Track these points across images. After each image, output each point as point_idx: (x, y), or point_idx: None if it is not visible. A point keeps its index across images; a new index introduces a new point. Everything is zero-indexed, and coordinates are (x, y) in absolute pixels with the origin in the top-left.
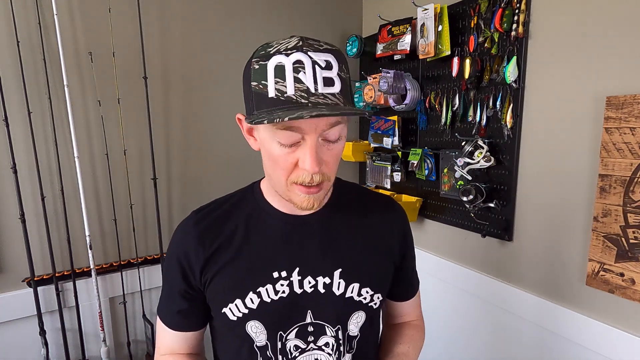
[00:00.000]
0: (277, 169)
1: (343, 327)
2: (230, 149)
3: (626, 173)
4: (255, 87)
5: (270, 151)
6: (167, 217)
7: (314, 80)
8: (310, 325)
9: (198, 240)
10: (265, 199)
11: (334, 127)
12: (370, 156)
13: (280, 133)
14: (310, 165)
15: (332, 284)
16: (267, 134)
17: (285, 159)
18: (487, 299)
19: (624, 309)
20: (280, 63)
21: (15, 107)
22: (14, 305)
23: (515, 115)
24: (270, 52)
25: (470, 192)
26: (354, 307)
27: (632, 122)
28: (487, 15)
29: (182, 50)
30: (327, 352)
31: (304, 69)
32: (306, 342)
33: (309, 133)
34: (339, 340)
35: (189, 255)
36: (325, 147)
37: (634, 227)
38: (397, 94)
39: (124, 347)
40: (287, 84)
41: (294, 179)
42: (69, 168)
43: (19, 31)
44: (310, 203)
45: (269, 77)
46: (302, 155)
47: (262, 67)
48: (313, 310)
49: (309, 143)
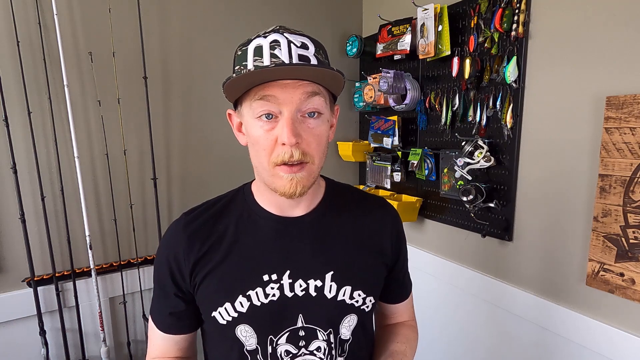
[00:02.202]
0: (260, 151)
1: (335, 331)
2: (230, 149)
3: (626, 173)
4: (238, 70)
5: (252, 134)
6: (167, 217)
7: (289, 55)
8: (301, 329)
9: (187, 242)
10: (256, 200)
11: (311, 98)
12: (370, 156)
13: (255, 104)
14: (287, 136)
15: (323, 287)
16: (248, 113)
17: (266, 137)
18: (487, 299)
19: (624, 309)
20: (259, 44)
21: (15, 107)
22: (14, 305)
23: (515, 115)
24: (251, 39)
25: (470, 192)
26: (346, 311)
27: (632, 122)
28: (487, 15)
29: (182, 50)
30: (318, 357)
31: (280, 46)
32: (297, 347)
33: (284, 104)
34: (331, 344)
35: (178, 258)
36: (304, 124)
37: (634, 227)
38: (397, 94)
39: (124, 347)
40: (265, 59)
41: (275, 159)
42: (69, 168)
43: (19, 31)
44: (294, 185)
45: (248, 57)
46: (280, 129)
47: (243, 52)
48: (304, 314)
49: (286, 115)
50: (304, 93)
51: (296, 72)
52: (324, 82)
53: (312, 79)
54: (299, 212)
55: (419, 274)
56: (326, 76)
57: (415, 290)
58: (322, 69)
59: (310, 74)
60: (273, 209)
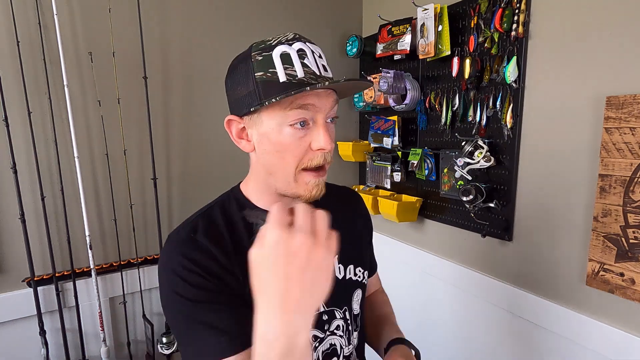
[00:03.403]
0: (287, 157)
1: (349, 308)
2: (230, 149)
3: (626, 173)
4: (262, 77)
5: (280, 141)
6: (167, 217)
7: (316, 65)
8: (324, 313)
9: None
10: (252, 202)
11: (334, 107)
12: (370, 156)
13: (292, 113)
14: (325, 142)
15: (334, 270)
16: (275, 121)
17: (298, 144)
18: (487, 299)
19: (624, 309)
20: (285, 52)
21: (15, 107)
22: (14, 305)
23: (515, 115)
24: (272, 44)
25: (470, 192)
26: (354, 287)
27: (632, 122)
28: (487, 15)
29: (182, 50)
30: (339, 335)
31: (307, 56)
32: (322, 330)
33: (319, 111)
34: (347, 321)
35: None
36: (329, 128)
37: (634, 227)
38: (397, 94)
39: (124, 347)
40: (297, 69)
41: (305, 164)
42: (69, 168)
43: (19, 31)
44: (319, 189)
45: (276, 64)
46: (316, 135)
47: (266, 57)
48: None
49: (320, 122)
50: (333, 101)
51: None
52: (347, 91)
53: (340, 87)
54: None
55: (418, 273)
56: (356, 88)
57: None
58: (366, 83)
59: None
60: None
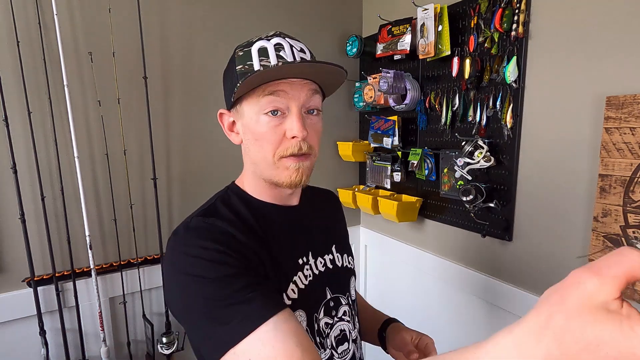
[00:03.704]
0: (265, 145)
1: (349, 294)
2: (230, 149)
3: (626, 173)
4: (241, 69)
5: (256, 130)
6: (167, 217)
7: (293, 57)
8: (331, 300)
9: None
10: (253, 196)
11: (313, 96)
12: (370, 156)
13: (264, 100)
14: (298, 130)
15: (334, 259)
16: (251, 109)
17: (274, 132)
18: (487, 299)
19: None
20: (263, 46)
21: (15, 107)
22: (14, 305)
23: (515, 115)
24: (253, 41)
25: (470, 192)
26: (350, 274)
27: (632, 122)
28: (487, 15)
29: (182, 50)
30: (346, 320)
31: (284, 49)
32: (331, 316)
33: (292, 99)
34: (350, 306)
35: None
36: (307, 119)
37: (634, 227)
38: (397, 94)
39: (124, 347)
40: (271, 59)
41: (282, 152)
42: (69, 168)
43: (19, 31)
44: (299, 174)
45: (253, 57)
46: (290, 123)
47: (245, 52)
48: (330, 286)
49: (294, 111)
50: (309, 90)
51: (312, 69)
52: (325, 81)
53: (315, 77)
54: (295, 201)
55: (418, 273)
56: (330, 75)
57: (415, 290)
58: (336, 67)
59: (324, 71)
60: (276, 201)
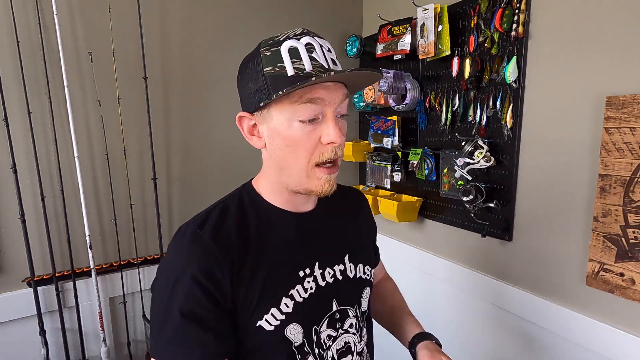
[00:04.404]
0: (299, 152)
1: (359, 306)
2: (230, 149)
3: (626, 173)
4: (270, 71)
5: (289, 135)
6: (167, 217)
7: (325, 59)
8: (337, 312)
9: (219, 254)
10: (267, 200)
11: (345, 100)
12: (370, 156)
13: (301, 107)
14: (335, 135)
15: (346, 270)
16: (284, 116)
17: (309, 138)
18: (486, 299)
19: (624, 309)
20: (293, 46)
21: (15, 107)
22: (14, 305)
23: (515, 115)
24: (280, 40)
25: (470, 192)
26: (363, 285)
27: (632, 122)
28: (487, 15)
29: (182, 50)
30: (352, 333)
31: (315, 50)
32: (335, 329)
33: (328, 105)
34: (358, 319)
35: (212, 273)
36: (339, 123)
37: (634, 227)
38: (397, 94)
39: (124, 347)
40: (305, 62)
41: (317, 159)
42: (69, 168)
43: (19, 31)
44: (330, 184)
45: (284, 59)
46: (326, 128)
47: (274, 53)
48: (337, 298)
49: (330, 116)
50: (342, 95)
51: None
52: (356, 83)
53: (348, 80)
54: (309, 207)
55: (418, 273)
56: (365, 79)
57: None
58: (377, 73)
59: (366, 78)
60: (289, 207)
